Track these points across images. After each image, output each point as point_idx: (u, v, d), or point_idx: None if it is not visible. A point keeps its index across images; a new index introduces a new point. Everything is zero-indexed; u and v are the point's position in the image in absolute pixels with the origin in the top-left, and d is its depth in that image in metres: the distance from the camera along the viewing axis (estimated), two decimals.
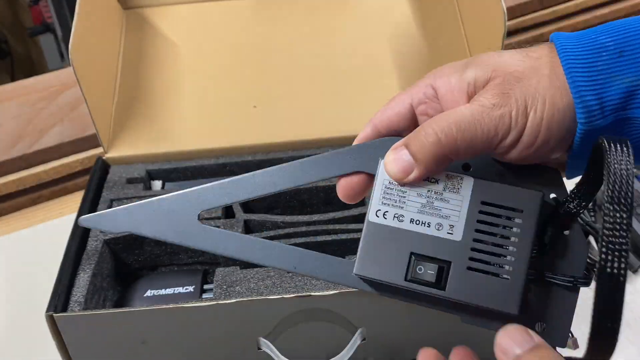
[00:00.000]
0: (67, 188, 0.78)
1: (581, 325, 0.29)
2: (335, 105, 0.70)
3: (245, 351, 0.52)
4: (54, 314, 0.48)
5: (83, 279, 0.53)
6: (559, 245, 0.31)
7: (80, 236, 0.57)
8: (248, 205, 0.63)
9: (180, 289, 0.56)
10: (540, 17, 0.98)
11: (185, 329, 0.50)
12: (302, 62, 0.73)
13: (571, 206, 0.31)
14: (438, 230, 0.31)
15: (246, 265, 0.55)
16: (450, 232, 0.30)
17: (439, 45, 0.73)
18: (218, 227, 0.58)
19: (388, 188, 0.31)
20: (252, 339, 0.51)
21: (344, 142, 0.67)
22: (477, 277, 0.30)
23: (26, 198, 0.77)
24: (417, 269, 0.30)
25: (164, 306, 0.49)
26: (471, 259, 0.30)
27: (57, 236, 0.59)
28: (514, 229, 0.30)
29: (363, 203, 0.60)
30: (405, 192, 0.31)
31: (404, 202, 0.31)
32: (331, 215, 0.59)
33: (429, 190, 0.31)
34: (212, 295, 0.53)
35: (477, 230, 0.30)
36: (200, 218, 0.34)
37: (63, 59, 1.67)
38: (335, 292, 0.48)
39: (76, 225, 0.58)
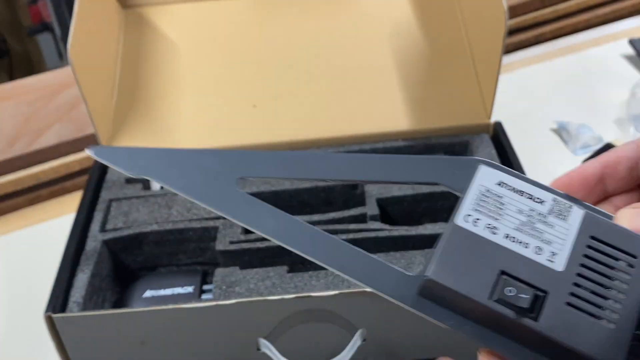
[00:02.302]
0: (66, 188, 0.78)
1: None
2: (335, 104, 0.70)
3: (244, 352, 0.52)
4: (53, 315, 0.48)
5: (82, 280, 0.53)
6: None
7: (78, 236, 0.57)
8: None
9: (180, 290, 0.56)
10: (541, 16, 0.98)
11: (184, 330, 0.50)
12: (302, 61, 0.73)
13: None
14: (537, 254, 0.27)
15: (246, 265, 0.55)
16: (550, 259, 0.27)
17: (439, 45, 0.72)
18: (217, 227, 0.58)
19: (484, 196, 0.28)
20: (251, 340, 0.51)
21: (344, 141, 0.67)
22: (577, 316, 0.26)
23: (24, 198, 0.77)
24: (506, 290, 0.26)
25: (163, 307, 0.48)
26: (572, 294, 0.26)
27: (56, 236, 0.59)
28: (626, 275, 0.26)
29: (363, 203, 0.60)
30: (504, 205, 0.28)
31: (500, 215, 0.28)
32: (331, 215, 0.59)
33: (531, 210, 0.28)
34: (211, 296, 0.53)
35: (583, 265, 0.27)
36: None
37: (62, 58, 1.66)
38: (335, 292, 0.48)
39: (75, 226, 0.58)
